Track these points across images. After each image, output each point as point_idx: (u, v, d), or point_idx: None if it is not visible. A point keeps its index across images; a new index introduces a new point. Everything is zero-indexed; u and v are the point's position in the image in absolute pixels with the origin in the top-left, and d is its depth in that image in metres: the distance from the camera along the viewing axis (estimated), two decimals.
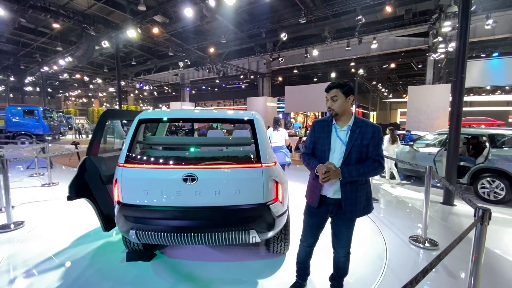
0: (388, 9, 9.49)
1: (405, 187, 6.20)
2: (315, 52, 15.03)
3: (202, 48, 16.69)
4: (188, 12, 9.43)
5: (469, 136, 6.48)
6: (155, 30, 11.22)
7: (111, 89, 29.22)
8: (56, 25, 11.41)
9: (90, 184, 2.64)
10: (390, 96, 33.05)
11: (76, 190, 2.53)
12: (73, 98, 38.10)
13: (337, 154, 1.84)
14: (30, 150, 8.23)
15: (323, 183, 1.78)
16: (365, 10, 11.13)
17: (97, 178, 2.61)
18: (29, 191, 5.45)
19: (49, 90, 29.79)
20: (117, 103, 42.91)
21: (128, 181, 2.21)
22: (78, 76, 22.16)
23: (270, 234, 2.29)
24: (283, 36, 12.26)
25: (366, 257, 2.86)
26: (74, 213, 4.14)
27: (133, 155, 2.32)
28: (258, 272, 2.57)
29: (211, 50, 15.12)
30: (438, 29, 10.87)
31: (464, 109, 5.07)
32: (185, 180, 2.12)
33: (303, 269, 2.21)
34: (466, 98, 24.89)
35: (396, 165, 6.68)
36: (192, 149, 3.03)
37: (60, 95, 35.39)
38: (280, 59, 16.29)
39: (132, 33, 11.12)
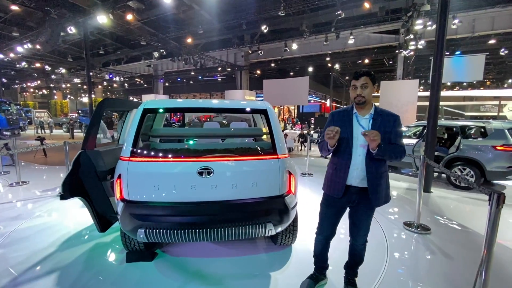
0: (367, 5, 9.77)
1: None
2: (294, 46, 15.13)
3: (176, 38, 16.02)
4: None
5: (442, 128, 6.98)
6: (129, 17, 10.50)
7: (76, 80, 27.11)
8: (14, 8, 10.21)
9: (84, 181, 2.41)
10: None
11: (71, 188, 2.30)
12: (31, 90, 34.76)
13: (361, 141, 1.82)
14: None
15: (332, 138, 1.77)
16: (343, 5, 11.38)
17: (92, 174, 2.39)
18: None
19: (4, 80, 26.91)
20: (82, 95, 40.00)
21: (136, 176, 2.04)
22: (38, 65, 20.18)
23: (285, 226, 2.27)
24: (264, 28, 12.14)
25: (369, 244, 2.93)
26: (55, 214, 3.80)
27: (140, 148, 2.15)
28: (268, 265, 2.55)
29: (189, 40, 14.55)
30: (410, 26, 11.44)
31: (424, 103, 5.50)
32: (200, 173, 2.01)
33: (320, 262, 2.20)
34: (426, 94, 26.73)
35: None
36: (191, 142, 2.89)
37: (16, 86, 32.12)
38: (259, 51, 16.18)
39: (103, 19, 10.30)
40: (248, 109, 2.30)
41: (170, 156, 2.11)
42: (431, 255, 2.80)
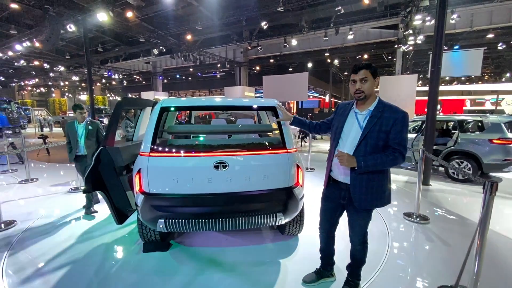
0: (366, 0, 9.83)
1: None
2: (293, 42, 15.18)
3: (175, 35, 16.03)
4: None
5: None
6: (129, 14, 10.53)
7: (74, 78, 27.03)
8: (14, 6, 10.21)
9: (104, 176, 2.56)
10: None
11: (93, 183, 2.44)
12: (29, 88, 34.61)
13: (351, 138, 1.77)
14: (1, 145, 7.47)
15: (336, 158, 1.77)
16: (342, 0, 11.44)
17: (111, 169, 2.54)
18: (7, 188, 5.03)
19: (1, 78, 26.82)
20: (81, 93, 39.69)
21: (156, 170, 2.19)
22: (36, 63, 20.12)
23: (293, 216, 2.43)
24: (264, 24, 12.19)
25: (372, 232, 3.11)
26: (70, 208, 3.94)
27: (158, 144, 2.30)
28: (277, 253, 2.71)
29: (188, 37, 14.57)
30: (409, 22, 11.53)
31: (422, 98, 5.63)
32: (216, 167, 2.16)
33: (325, 258, 2.22)
34: (424, 88, 26.86)
35: None
36: (201, 138, 3.03)
37: (14, 84, 31.98)
38: (259, 47, 16.22)
39: (103, 16, 10.33)
40: (259, 106, 2.45)
41: (188, 151, 2.26)
42: (430, 242, 2.97)
